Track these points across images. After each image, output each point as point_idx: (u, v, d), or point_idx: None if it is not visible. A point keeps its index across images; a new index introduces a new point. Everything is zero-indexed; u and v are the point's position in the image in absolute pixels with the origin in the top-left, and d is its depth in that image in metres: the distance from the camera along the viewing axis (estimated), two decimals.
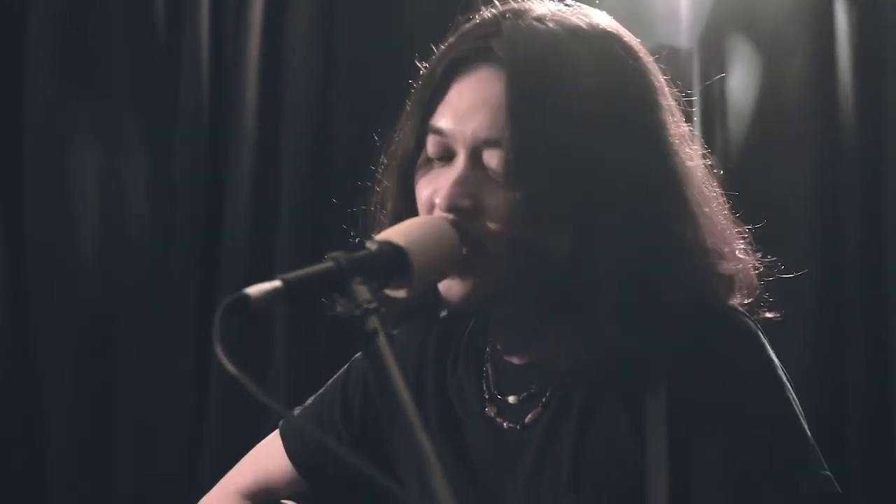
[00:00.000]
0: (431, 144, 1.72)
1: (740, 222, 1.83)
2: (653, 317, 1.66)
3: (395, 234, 1.60)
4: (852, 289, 3.29)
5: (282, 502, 2.05)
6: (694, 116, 3.28)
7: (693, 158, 1.76)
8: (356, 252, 1.52)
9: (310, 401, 2.06)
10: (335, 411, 2.00)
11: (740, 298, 1.76)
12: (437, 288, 1.72)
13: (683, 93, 1.80)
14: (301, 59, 3.52)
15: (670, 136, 1.72)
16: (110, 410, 3.47)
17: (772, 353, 1.75)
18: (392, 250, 1.57)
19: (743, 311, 1.76)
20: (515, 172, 1.63)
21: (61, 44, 3.45)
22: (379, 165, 1.83)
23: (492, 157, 1.66)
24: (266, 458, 2.07)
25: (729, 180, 3.28)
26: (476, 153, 1.67)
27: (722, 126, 3.36)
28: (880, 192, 3.28)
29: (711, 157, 3.24)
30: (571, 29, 1.69)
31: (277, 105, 3.52)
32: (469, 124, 1.67)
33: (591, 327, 1.65)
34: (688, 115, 1.79)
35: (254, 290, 1.41)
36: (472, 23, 1.76)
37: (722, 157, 3.34)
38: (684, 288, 1.67)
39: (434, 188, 1.69)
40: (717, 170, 1.84)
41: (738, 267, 1.74)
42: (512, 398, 1.81)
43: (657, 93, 1.72)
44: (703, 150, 1.81)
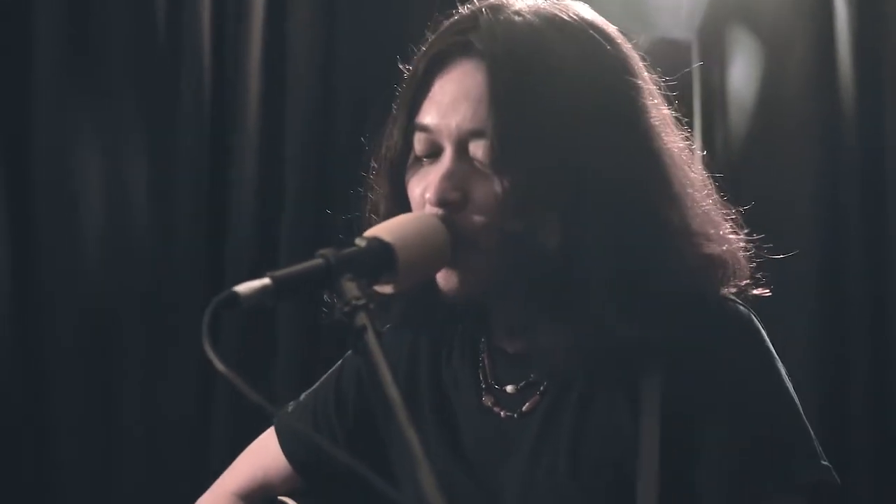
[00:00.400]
0: (418, 142, 1.72)
1: (727, 203, 1.83)
2: (645, 303, 1.66)
3: (383, 230, 1.61)
4: (853, 280, 3.30)
5: (279, 499, 2.06)
6: (694, 108, 3.31)
7: (676, 141, 1.76)
8: (345, 249, 1.53)
9: (304, 396, 2.07)
10: (329, 406, 2.01)
11: (731, 279, 1.76)
12: (433, 286, 1.72)
13: (664, 78, 1.81)
14: (303, 59, 3.55)
15: (652, 120, 1.72)
16: (116, 410, 3.48)
17: (768, 342, 1.75)
18: (379, 246, 1.58)
19: (737, 300, 1.77)
20: (501, 161, 1.64)
21: (64, 46, 3.46)
22: (370, 170, 1.83)
23: (477, 149, 1.67)
24: (262, 455, 2.07)
25: (729, 172, 3.30)
26: (462, 146, 1.68)
27: (722, 117, 3.37)
28: (881, 183, 3.29)
29: (710, 149, 3.26)
30: (549, 19, 1.70)
31: (279, 105, 3.54)
32: (453, 118, 1.68)
33: (585, 315, 1.66)
34: (668, 99, 1.79)
35: (243, 287, 1.42)
36: (450, 19, 1.76)
37: (722, 149, 3.35)
38: (673, 272, 1.68)
39: (424, 185, 1.70)
40: (708, 156, 1.83)
41: (724, 248, 1.74)
42: (510, 387, 1.81)
43: (637, 77, 1.73)
44: (686, 133, 1.80)
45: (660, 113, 1.75)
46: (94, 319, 3.48)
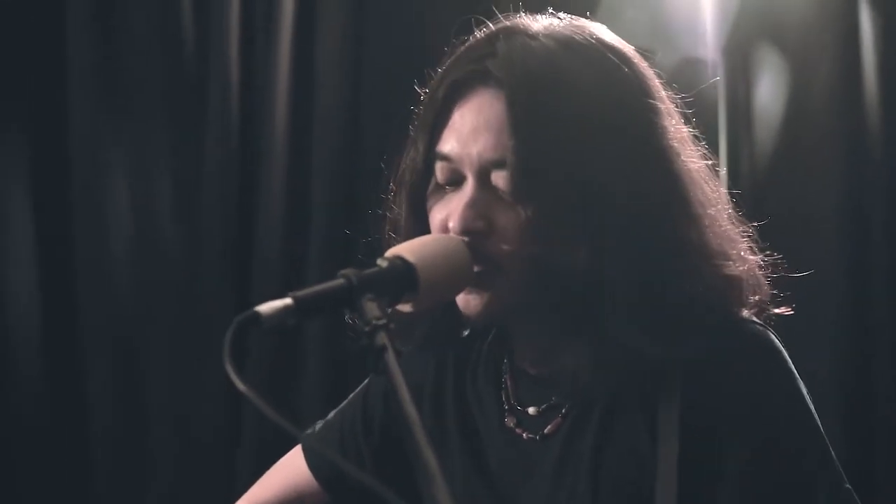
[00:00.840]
0: (440, 170, 1.73)
1: (747, 220, 1.83)
2: (666, 324, 1.66)
3: (405, 249, 1.62)
4: (878, 291, 3.29)
5: None
6: (719, 124, 3.31)
7: (695, 160, 1.75)
8: (367, 269, 1.54)
9: (332, 414, 2.09)
10: (356, 424, 2.02)
11: (750, 299, 1.76)
12: (455, 308, 1.73)
13: (680, 95, 1.81)
14: (330, 73, 3.57)
15: (670, 139, 1.72)
16: (146, 424, 3.53)
17: (789, 362, 1.74)
18: (401, 265, 1.59)
19: (757, 320, 1.76)
20: (522, 191, 1.64)
21: (96, 69, 3.53)
22: (388, 192, 1.84)
23: (499, 178, 1.67)
24: (289, 471, 2.10)
25: (755, 187, 3.31)
26: (484, 175, 1.68)
27: (747, 133, 3.37)
28: None
29: (735, 165, 3.26)
30: (564, 43, 1.69)
31: (307, 120, 3.57)
32: (474, 147, 1.68)
33: (608, 336, 1.66)
34: (687, 117, 1.79)
35: (265, 307, 1.44)
36: (466, 45, 1.76)
37: (748, 165, 3.35)
38: (693, 292, 1.67)
39: (447, 212, 1.70)
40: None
41: (743, 268, 1.74)
42: (532, 409, 1.81)
43: (655, 98, 1.72)
44: (705, 151, 1.80)
45: (678, 132, 1.75)
46: (124, 334, 3.52)
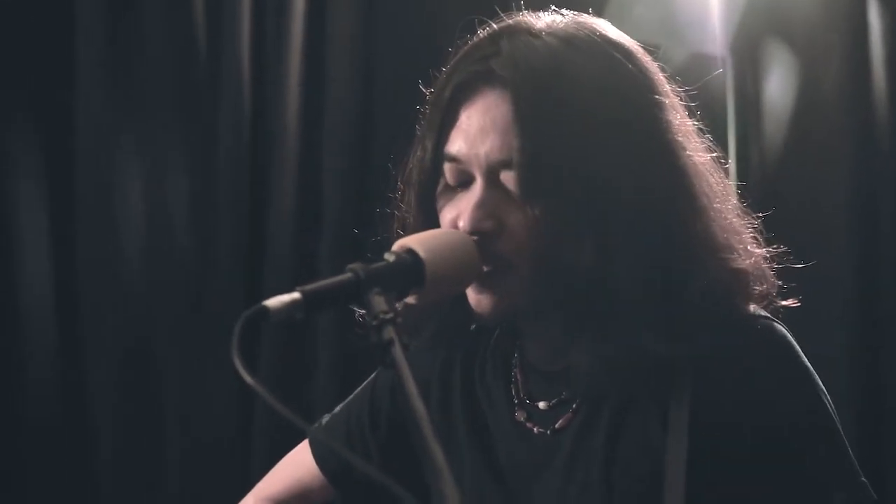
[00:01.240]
0: (449, 171, 1.73)
1: (754, 214, 1.83)
2: (675, 319, 1.67)
3: (413, 241, 1.62)
4: (888, 283, 3.30)
5: None
6: (728, 119, 3.31)
7: (700, 154, 1.76)
8: (374, 263, 1.55)
9: (339, 408, 2.09)
10: (363, 418, 2.03)
11: (757, 292, 1.76)
12: (464, 306, 1.74)
13: (683, 89, 1.81)
14: (341, 69, 3.58)
15: (675, 134, 1.72)
16: (156, 422, 3.53)
17: (801, 355, 1.74)
18: (408, 256, 1.59)
19: (766, 314, 1.76)
20: (530, 190, 1.65)
21: (106, 66, 3.52)
22: (396, 191, 1.85)
23: (508, 178, 1.68)
24: (298, 465, 2.10)
25: (765, 181, 3.31)
26: (492, 175, 1.69)
27: (756, 128, 3.37)
28: None
29: (745, 159, 3.26)
30: (567, 40, 1.70)
31: (318, 119, 3.57)
32: (482, 148, 1.68)
33: (618, 332, 1.67)
34: (692, 111, 1.80)
35: (273, 301, 1.45)
36: (471, 44, 1.76)
37: (758, 159, 3.35)
38: (700, 287, 1.68)
39: (457, 212, 1.71)
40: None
41: (750, 261, 1.75)
42: (542, 404, 1.82)
43: (659, 92, 1.73)
44: (710, 144, 1.80)
45: (683, 126, 1.75)
46: (134, 331, 3.53)
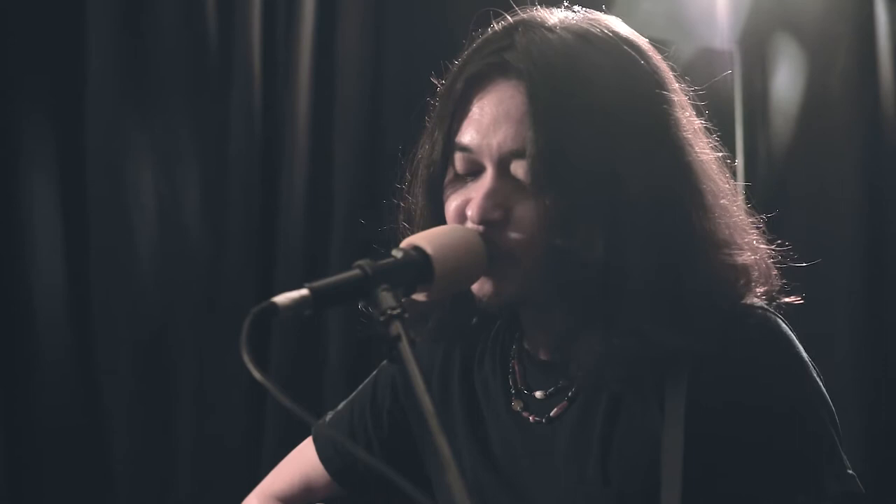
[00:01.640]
0: (459, 161, 1.75)
1: (760, 209, 1.85)
2: (679, 312, 1.69)
3: (420, 239, 1.64)
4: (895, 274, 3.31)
5: None
6: (736, 115, 3.32)
7: (706, 152, 1.78)
8: (382, 260, 1.57)
9: (341, 405, 2.11)
10: (365, 415, 2.04)
11: (759, 287, 1.77)
12: (467, 299, 1.75)
13: (692, 88, 1.83)
14: (351, 63, 3.60)
15: (684, 131, 1.74)
16: (169, 416, 3.55)
17: (798, 348, 1.76)
18: (416, 255, 1.61)
19: (767, 308, 1.78)
20: (542, 180, 1.67)
21: (119, 64, 3.53)
22: (403, 182, 1.86)
23: (518, 168, 1.69)
24: (302, 462, 2.12)
25: (773, 175, 3.32)
26: (503, 165, 1.71)
27: (764, 123, 3.38)
28: None
29: (753, 154, 3.27)
30: (582, 35, 1.72)
31: (328, 115, 3.59)
32: (494, 138, 1.70)
33: (622, 323, 1.68)
34: (699, 109, 1.82)
35: (282, 298, 1.46)
36: (484, 37, 1.78)
37: (765, 154, 3.37)
38: (704, 281, 1.70)
39: (464, 201, 1.73)
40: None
41: (754, 257, 1.76)
42: (539, 393, 1.84)
43: (669, 90, 1.75)
44: (716, 143, 1.82)
45: (691, 124, 1.77)
46: (147, 326, 3.55)
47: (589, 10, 1.80)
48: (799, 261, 1.86)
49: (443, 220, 1.76)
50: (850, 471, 1.73)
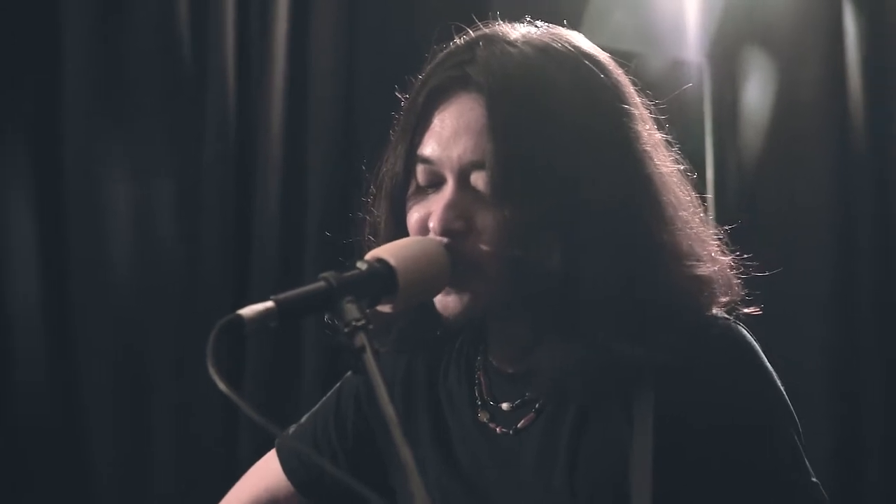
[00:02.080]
0: (421, 173, 1.77)
1: (724, 222, 1.87)
2: (640, 322, 1.70)
3: (384, 251, 1.65)
4: (866, 288, 3.33)
5: None
6: (706, 125, 3.35)
7: (667, 164, 1.79)
8: (347, 272, 1.58)
9: (304, 418, 2.11)
10: (329, 426, 2.05)
11: (721, 298, 1.79)
12: (430, 311, 1.76)
13: (653, 101, 1.85)
14: (325, 75, 3.62)
15: (644, 144, 1.76)
16: (145, 425, 3.56)
17: (762, 358, 1.77)
18: (381, 267, 1.62)
19: (729, 318, 1.79)
20: (501, 191, 1.68)
21: (94, 72, 3.53)
22: (367, 195, 1.88)
23: (479, 179, 1.71)
24: (265, 475, 2.12)
25: (743, 185, 3.35)
26: (464, 177, 1.72)
27: (733, 133, 3.41)
28: (886, 191, 3.33)
29: (723, 164, 3.29)
30: (542, 49, 1.74)
31: (303, 121, 3.61)
32: (454, 150, 1.72)
33: (584, 334, 1.70)
34: (660, 122, 1.83)
35: (248, 310, 1.48)
36: (447, 51, 1.80)
37: (736, 163, 3.39)
38: (665, 292, 1.71)
39: (426, 212, 1.74)
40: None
41: (714, 268, 1.78)
42: (505, 405, 1.84)
43: (629, 103, 1.77)
44: (677, 156, 1.84)
45: (652, 137, 1.78)
46: (122, 335, 3.54)
47: (551, 24, 1.82)
48: (770, 271, 1.87)
49: (406, 232, 1.78)
50: (815, 479, 1.75)
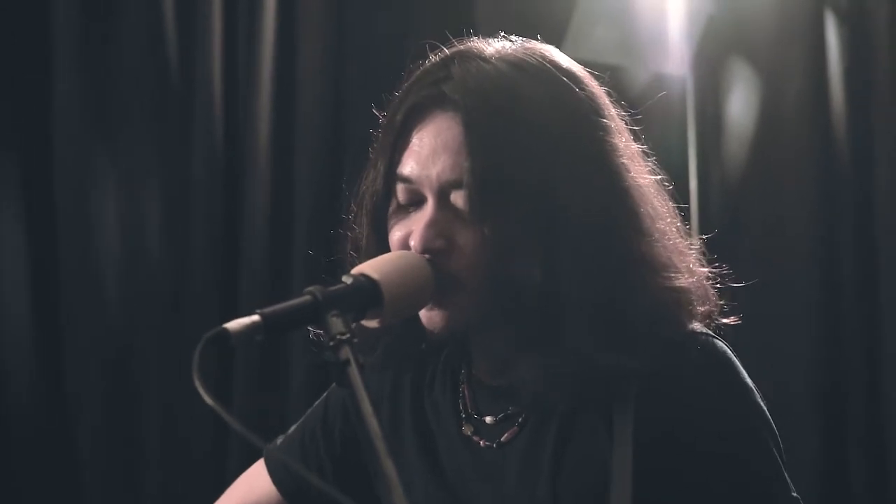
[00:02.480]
0: (401, 192, 1.78)
1: (707, 234, 1.88)
2: (620, 335, 1.71)
3: (369, 267, 1.67)
4: (851, 297, 3.35)
5: None
6: (689, 137, 3.37)
7: (644, 176, 1.81)
8: (332, 286, 1.60)
9: (292, 429, 2.12)
10: (316, 436, 2.06)
11: (699, 310, 1.80)
12: (414, 325, 1.78)
13: (629, 112, 1.86)
14: (312, 87, 3.66)
15: (620, 156, 1.77)
16: (134, 435, 3.59)
17: (740, 371, 1.79)
18: (366, 282, 1.64)
19: (708, 332, 1.81)
20: (479, 209, 1.70)
21: (83, 87, 3.59)
22: (349, 213, 1.89)
23: (458, 198, 1.73)
24: (253, 485, 2.13)
25: (727, 196, 3.37)
26: (443, 195, 1.74)
27: (716, 147, 3.43)
28: (869, 203, 3.36)
29: (706, 177, 3.31)
30: (516, 65, 1.75)
31: (289, 132, 3.66)
32: (433, 169, 1.73)
33: (564, 347, 1.71)
34: (636, 134, 1.84)
35: (233, 324, 1.49)
36: (423, 69, 1.81)
37: (719, 175, 3.41)
38: (643, 304, 1.73)
39: (407, 231, 1.76)
40: (669, 185, 1.87)
41: (692, 280, 1.79)
42: (489, 418, 1.85)
43: (605, 116, 1.78)
44: (654, 167, 1.85)
45: (628, 149, 1.80)
46: (112, 343, 3.60)
47: (526, 39, 1.83)
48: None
49: (388, 249, 1.79)
50: (795, 493, 1.77)
